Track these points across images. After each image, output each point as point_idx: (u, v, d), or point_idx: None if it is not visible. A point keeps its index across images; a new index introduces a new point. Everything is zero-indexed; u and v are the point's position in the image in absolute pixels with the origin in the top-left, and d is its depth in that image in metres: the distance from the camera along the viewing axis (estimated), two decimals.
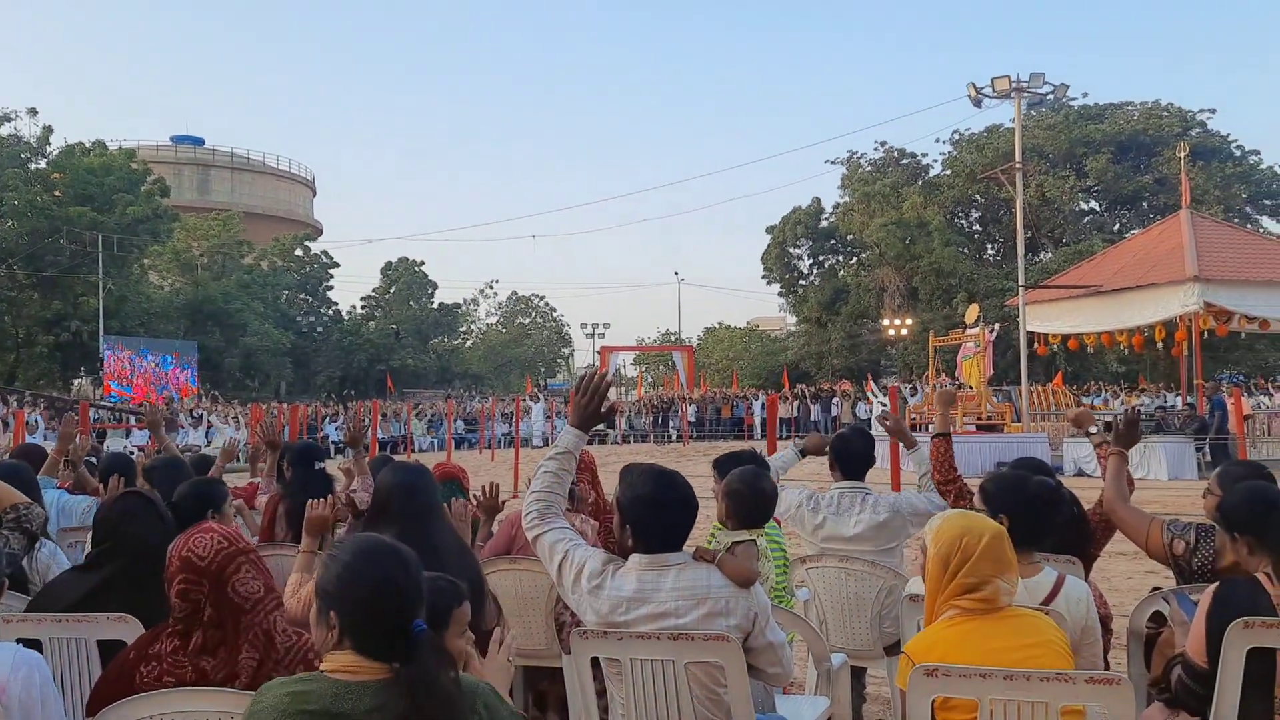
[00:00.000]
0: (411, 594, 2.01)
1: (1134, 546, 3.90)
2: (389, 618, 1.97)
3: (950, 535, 2.61)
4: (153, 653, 2.57)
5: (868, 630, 4.31)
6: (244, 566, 2.56)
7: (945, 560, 2.58)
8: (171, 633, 2.58)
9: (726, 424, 33.84)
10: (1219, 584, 2.85)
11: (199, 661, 2.52)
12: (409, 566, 2.04)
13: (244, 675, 2.48)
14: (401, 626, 1.96)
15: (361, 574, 2.00)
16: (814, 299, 48.54)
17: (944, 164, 46.78)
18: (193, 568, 2.52)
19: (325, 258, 57.19)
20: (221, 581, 2.51)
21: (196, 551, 2.53)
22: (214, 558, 2.52)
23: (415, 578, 2.04)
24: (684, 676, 2.71)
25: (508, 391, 51.86)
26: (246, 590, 2.54)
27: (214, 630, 2.52)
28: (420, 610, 2.01)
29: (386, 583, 1.99)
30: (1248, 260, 20.03)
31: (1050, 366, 34.13)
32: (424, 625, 1.97)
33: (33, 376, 39.65)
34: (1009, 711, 2.38)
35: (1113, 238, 38.32)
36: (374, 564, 2.01)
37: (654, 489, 2.85)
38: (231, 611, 2.52)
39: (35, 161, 39.96)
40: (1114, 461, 3.85)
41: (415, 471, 3.79)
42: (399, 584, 2.00)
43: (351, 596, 1.99)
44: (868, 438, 4.77)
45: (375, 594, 1.99)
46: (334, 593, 2.01)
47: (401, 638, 1.95)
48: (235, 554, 2.56)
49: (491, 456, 26.31)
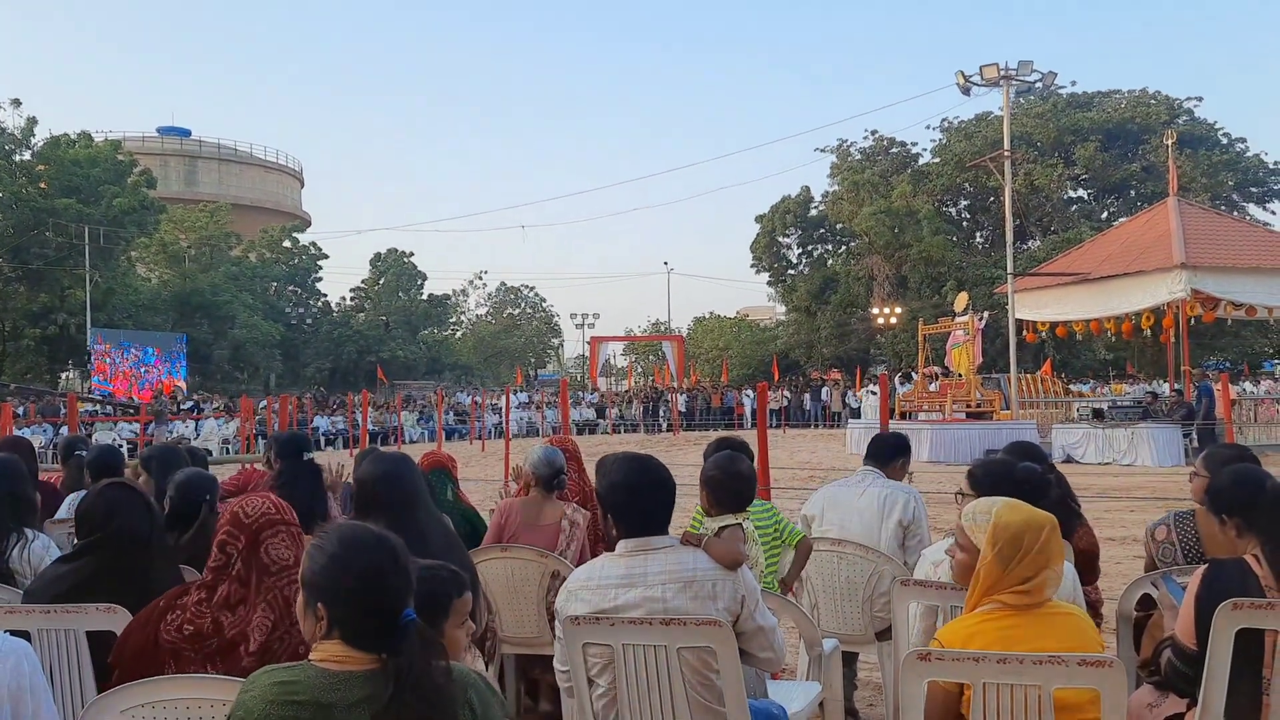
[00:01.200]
0: (398, 583, 1.98)
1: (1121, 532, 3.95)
2: (376, 608, 1.95)
3: (1012, 534, 2.54)
4: (180, 603, 2.68)
5: (859, 615, 4.32)
6: (281, 534, 2.70)
7: (1007, 560, 2.52)
8: (201, 585, 2.70)
9: (716, 413, 33.90)
10: (1207, 566, 2.86)
11: (219, 614, 2.63)
12: (396, 555, 2.00)
13: (257, 636, 2.55)
14: (389, 616, 1.93)
15: (347, 564, 1.98)
16: (803, 288, 48.59)
17: (933, 152, 46.85)
18: (237, 522, 2.68)
19: (314, 249, 56.96)
20: (257, 542, 2.66)
21: (245, 509, 2.70)
22: (257, 519, 2.68)
23: (402, 566, 2.00)
24: (676, 662, 2.71)
25: (498, 382, 51.80)
26: (277, 555, 2.67)
27: (238, 586, 2.64)
28: (408, 599, 1.97)
29: (373, 572, 1.96)
30: (1234, 247, 20.12)
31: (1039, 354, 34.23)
32: (413, 614, 1.94)
33: (20, 370, 39.39)
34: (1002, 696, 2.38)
35: (1101, 225, 38.43)
36: (360, 554, 1.98)
37: (628, 474, 2.87)
38: (258, 571, 2.64)
39: (20, 153, 39.57)
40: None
41: (397, 460, 3.76)
42: (385, 573, 1.97)
43: (337, 587, 1.97)
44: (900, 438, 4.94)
45: (361, 584, 1.96)
46: (320, 584, 1.98)
47: (389, 628, 1.92)
48: (277, 521, 2.71)
49: (482, 447, 26.30)
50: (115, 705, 2.48)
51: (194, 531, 3.61)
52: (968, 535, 2.66)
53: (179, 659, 2.65)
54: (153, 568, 3.15)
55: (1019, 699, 2.37)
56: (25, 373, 39.29)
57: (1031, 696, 2.36)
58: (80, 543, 3.25)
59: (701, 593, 2.77)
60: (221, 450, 25.64)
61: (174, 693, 2.45)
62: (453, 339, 63.44)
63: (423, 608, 2.16)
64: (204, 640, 2.63)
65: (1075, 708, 2.38)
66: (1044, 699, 2.35)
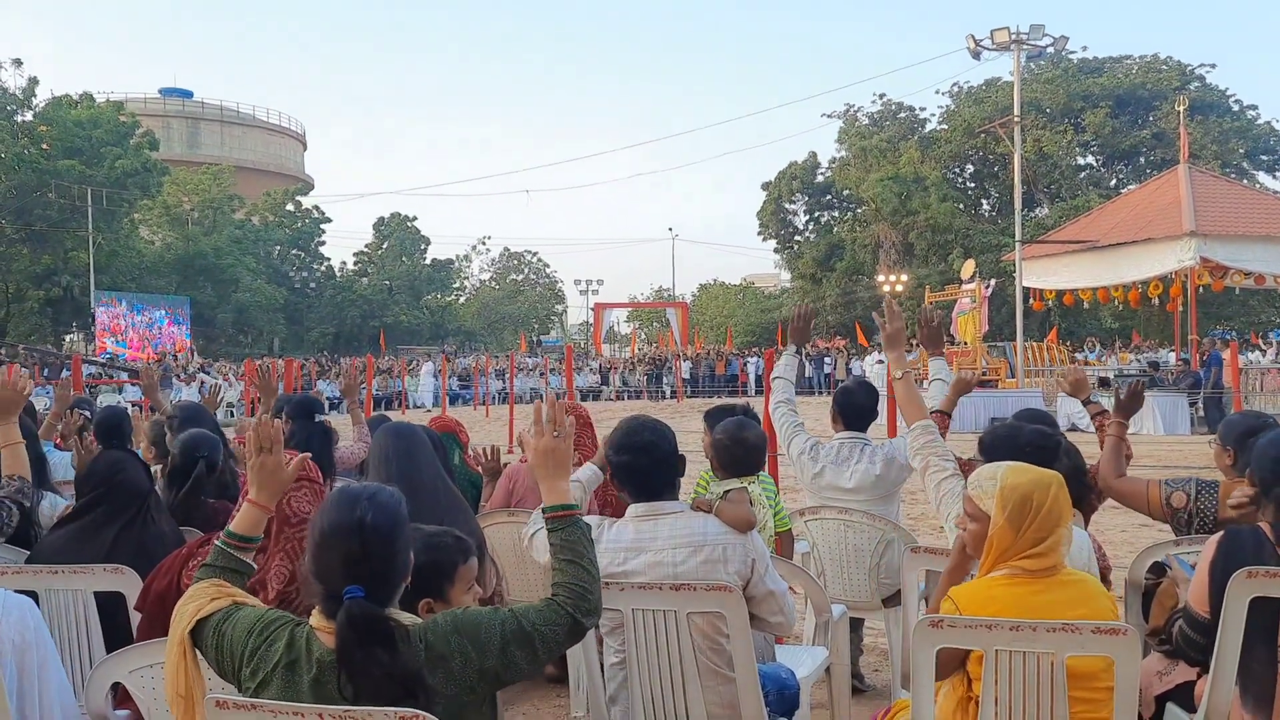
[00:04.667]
0: (355, 552, 1.90)
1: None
2: (330, 577, 1.92)
3: (1020, 496, 2.49)
4: (203, 550, 2.74)
5: (866, 582, 4.31)
6: (304, 489, 2.79)
7: (1018, 525, 2.47)
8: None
9: (721, 380, 33.87)
10: (1223, 533, 2.82)
11: None
12: (362, 525, 1.92)
13: (275, 584, 2.61)
14: (335, 589, 1.89)
15: (320, 531, 1.96)
16: (809, 255, 48.38)
17: (942, 118, 46.44)
18: None
19: (317, 213, 56.75)
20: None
21: None
22: None
23: (371, 535, 1.92)
24: (687, 627, 2.70)
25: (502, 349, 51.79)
26: (298, 507, 2.77)
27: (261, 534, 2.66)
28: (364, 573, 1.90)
29: (332, 536, 1.93)
30: (1244, 215, 19.95)
31: (1045, 322, 34.14)
32: (357, 592, 1.88)
33: (24, 332, 39.42)
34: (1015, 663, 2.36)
35: (1109, 193, 38.15)
36: (330, 522, 1.95)
37: (632, 437, 2.86)
38: (279, 520, 2.73)
39: (21, 114, 39.33)
40: (1112, 438, 3.82)
41: (409, 435, 3.73)
42: (344, 540, 1.91)
43: (310, 551, 1.97)
44: (871, 390, 4.75)
45: (320, 548, 1.94)
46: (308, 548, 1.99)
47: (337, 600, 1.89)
48: (301, 477, 2.78)
49: (486, 413, 26.33)
50: (124, 665, 2.48)
51: (188, 489, 3.61)
52: (975, 504, 2.61)
53: None
54: (152, 525, 3.17)
55: (1031, 667, 2.35)
56: (29, 334, 39.33)
57: (1044, 664, 2.35)
58: (83, 500, 3.26)
59: (712, 556, 2.76)
60: (226, 414, 25.75)
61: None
62: (456, 304, 63.36)
63: (429, 573, 2.15)
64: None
65: (1089, 676, 2.36)
66: (1057, 667, 2.34)
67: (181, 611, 2.06)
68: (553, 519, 2.21)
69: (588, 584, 2.11)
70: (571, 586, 2.10)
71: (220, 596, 2.07)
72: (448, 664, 1.92)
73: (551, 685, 4.82)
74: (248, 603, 2.08)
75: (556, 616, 2.05)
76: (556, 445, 2.28)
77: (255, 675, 1.95)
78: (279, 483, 2.29)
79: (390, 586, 1.98)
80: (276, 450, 2.29)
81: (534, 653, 2.00)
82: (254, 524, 2.24)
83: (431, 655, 1.92)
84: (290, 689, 1.91)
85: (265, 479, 2.26)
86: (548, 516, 2.21)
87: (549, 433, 2.29)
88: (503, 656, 1.96)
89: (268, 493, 2.26)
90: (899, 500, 4.62)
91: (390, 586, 1.98)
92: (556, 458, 2.27)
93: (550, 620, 2.04)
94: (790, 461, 4.67)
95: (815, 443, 4.54)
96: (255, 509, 2.24)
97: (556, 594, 2.10)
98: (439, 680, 1.91)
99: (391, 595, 1.98)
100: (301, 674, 1.92)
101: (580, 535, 2.18)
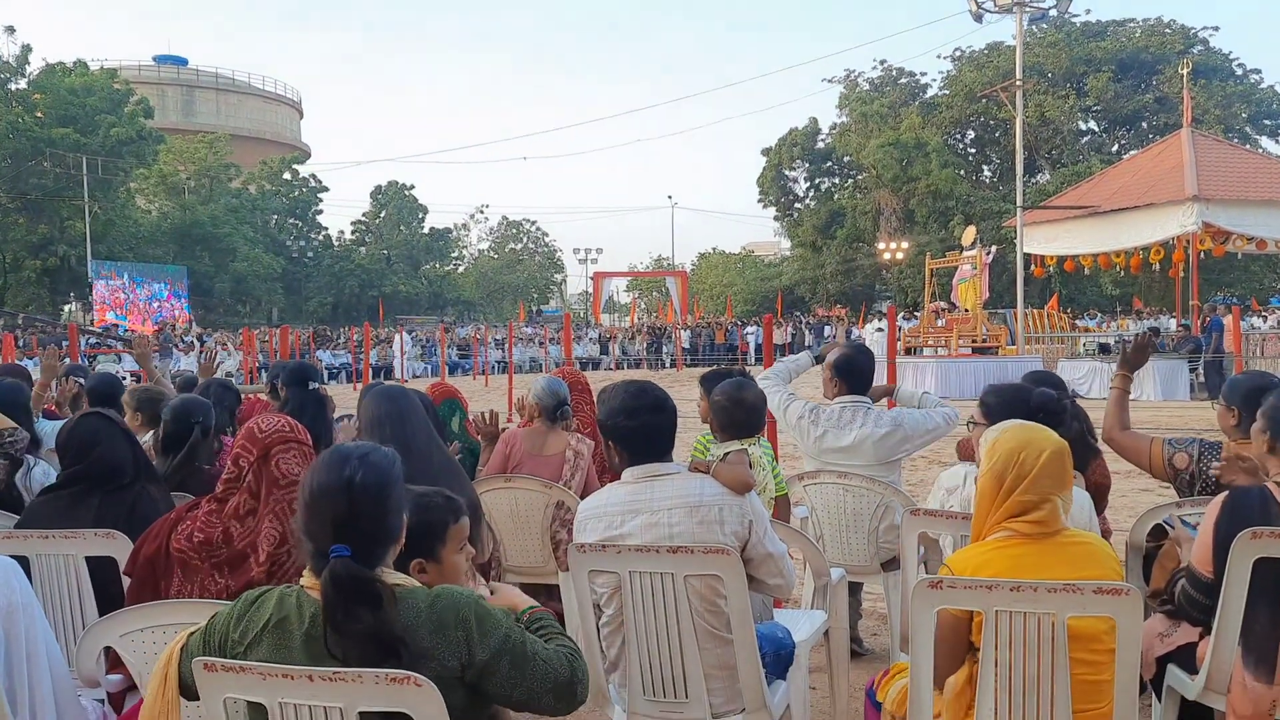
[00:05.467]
0: (343, 511, 1.88)
1: (1127, 465, 3.89)
2: (318, 536, 1.90)
3: (1007, 449, 2.44)
4: (191, 514, 2.74)
5: (865, 546, 4.29)
6: (292, 450, 2.76)
7: (1000, 476, 2.42)
8: (212, 497, 2.77)
9: (720, 349, 33.83)
10: (1229, 493, 2.79)
11: (229, 524, 2.70)
12: (350, 484, 1.89)
13: (265, 547, 2.59)
14: (322, 547, 1.87)
15: (307, 490, 1.93)
16: (809, 223, 48.18)
17: (943, 83, 46.09)
18: (251, 436, 2.74)
19: (314, 181, 56.46)
20: (268, 456, 2.72)
21: (260, 425, 2.76)
22: (270, 434, 2.74)
23: (360, 494, 1.90)
24: (684, 589, 2.67)
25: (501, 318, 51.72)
26: (287, 469, 2.72)
27: (249, 497, 2.71)
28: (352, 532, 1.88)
29: (321, 494, 1.90)
30: (1247, 180, 19.81)
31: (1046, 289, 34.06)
32: (343, 551, 1.85)
33: (21, 302, 39.34)
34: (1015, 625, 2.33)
35: (1111, 158, 37.95)
36: (318, 480, 1.92)
37: (624, 398, 2.82)
38: (268, 483, 2.70)
39: (15, 81, 39.00)
40: (1116, 391, 3.80)
41: (400, 396, 3.66)
42: (332, 498, 1.89)
43: (300, 509, 1.95)
44: (870, 355, 4.71)
45: (309, 507, 1.92)
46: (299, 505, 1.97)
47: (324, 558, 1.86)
48: (289, 439, 2.77)
49: (485, 382, 26.33)
50: (115, 629, 2.46)
51: (183, 456, 3.58)
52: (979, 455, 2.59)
53: (187, 568, 2.69)
54: (141, 494, 3.14)
55: (1032, 628, 2.32)
56: (27, 304, 39.26)
57: (1045, 625, 2.31)
58: (63, 474, 3.23)
59: (708, 518, 2.73)
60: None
61: (172, 617, 2.42)
62: (455, 274, 63.19)
63: (420, 533, 2.12)
64: (213, 549, 2.68)
65: (1090, 637, 2.33)
66: (1058, 628, 2.31)
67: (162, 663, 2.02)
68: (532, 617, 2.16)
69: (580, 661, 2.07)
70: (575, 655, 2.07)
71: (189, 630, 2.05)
72: (447, 636, 1.89)
73: None
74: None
75: (559, 661, 2.00)
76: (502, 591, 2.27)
77: (244, 639, 1.92)
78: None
79: (379, 547, 1.94)
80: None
81: (521, 675, 1.94)
82: None
83: (438, 624, 1.89)
84: (280, 648, 1.89)
85: None
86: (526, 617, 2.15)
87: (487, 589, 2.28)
88: (493, 658, 1.91)
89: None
90: (900, 468, 4.59)
91: (379, 547, 1.94)
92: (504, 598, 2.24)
93: (552, 659, 1.99)
94: (788, 428, 4.63)
95: (815, 407, 4.50)
96: None
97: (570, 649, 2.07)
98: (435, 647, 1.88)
99: (380, 556, 1.94)
100: (293, 631, 1.89)
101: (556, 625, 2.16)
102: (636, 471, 2.82)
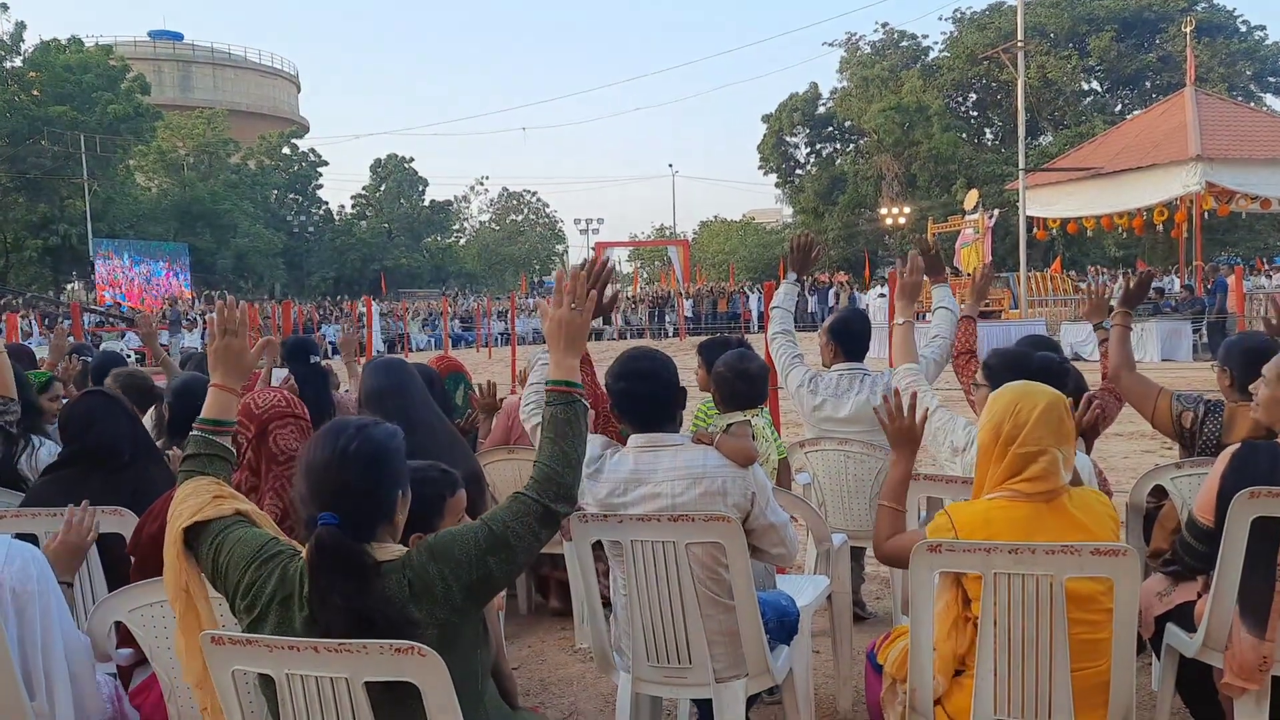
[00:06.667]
0: (334, 480, 1.89)
1: (1129, 427, 3.89)
2: (309, 505, 1.91)
3: (1003, 403, 2.46)
4: None
5: (867, 511, 4.31)
6: (289, 426, 2.79)
7: (998, 428, 2.44)
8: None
9: (723, 318, 33.80)
10: (1240, 445, 2.77)
11: None
12: (344, 454, 1.90)
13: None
14: (312, 515, 1.88)
15: (305, 463, 1.94)
16: (811, 189, 47.94)
17: (945, 45, 45.68)
18: (248, 413, 2.78)
19: (313, 155, 56.21)
20: (265, 432, 2.76)
21: (256, 401, 2.79)
22: (267, 410, 2.79)
23: (352, 464, 1.90)
24: (686, 558, 2.69)
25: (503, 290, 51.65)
26: (285, 444, 2.78)
27: (249, 474, 2.75)
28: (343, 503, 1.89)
29: (316, 463, 1.92)
30: (1251, 138, 19.65)
31: (1049, 252, 33.93)
32: (330, 519, 1.86)
33: (24, 281, 39.37)
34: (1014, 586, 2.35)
35: (1114, 119, 37.60)
36: (315, 454, 1.93)
37: (629, 366, 2.84)
38: (267, 460, 2.75)
39: (10, 60, 38.78)
40: (1118, 328, 3.78)
41: (396, 370, 3.65)
42: (324, 468, 1.90)
43: (297, 479, 1.96)
44: (865, 319, 4.71)
45: (305, 477, 1.93)
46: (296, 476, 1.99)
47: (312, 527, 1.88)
48: (286, 414, 2.81)
49: (489, 354, 26.35)
50: (123, 605, 2.49)
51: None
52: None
53: None
54: (141, 473, 3.14)
55: (1030, 590, 2.34)
56: (30, 284, 39.28)
57: (1044, 587, 2.33)
58: (62, 453, 3.25)
59: (711, 489, 2.74)
60: None
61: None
62: (456, 246, 63.04)
63: (416, 508, 2.12)
64: None
65: (1088, 598, 2.35)
66: (1056, 589, 2.33)
67: (178, 508, 2.03)
68: (552, 392, 2.13)
69: (560, 468, 2.04)
70: (543, 468, 2.04)
71: (222, 498, 2.04)
72: (432, 591, 1.90)
73: (556, 619, 4.87)
74: (248, 514, 2.05)
75: (525, 508, 1.99)
76: (574, 318, 2.21)
77: (252, 609, 1.94)
78: (242, 366, 2.24)
79: (368, 519, 1.93)
80: (241, 334, 2.24)
81: (511, 553, 1.95)
82: (223, 407, 2.20)
83: (416, 588, 1.90)
84: (284, 624, 1.91)
85: (229, 362, 2.22)
86: (548, 389, 2.14)
87: (568, 304, 2.21)
88: (480, 568, 1.92)
89: (233, 375, 2.22)
90: None
91: (368, 519, 1.93)
92: (572, 330, 2.20)
93: (519, 514, 1.98)
94: (789, 394, 4.64)
95: (814, 375, 4.51)
96: (221, 392, 2.22)
97: (527, 484, 2.05)
98: (425, 611, 1.89)
99: (371, 528, 1.94)
100: (294, 611, 1.91)
101: (573, 416, 2.10)
102: (640, 440, 2.84)
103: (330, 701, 1.87)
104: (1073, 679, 2.35)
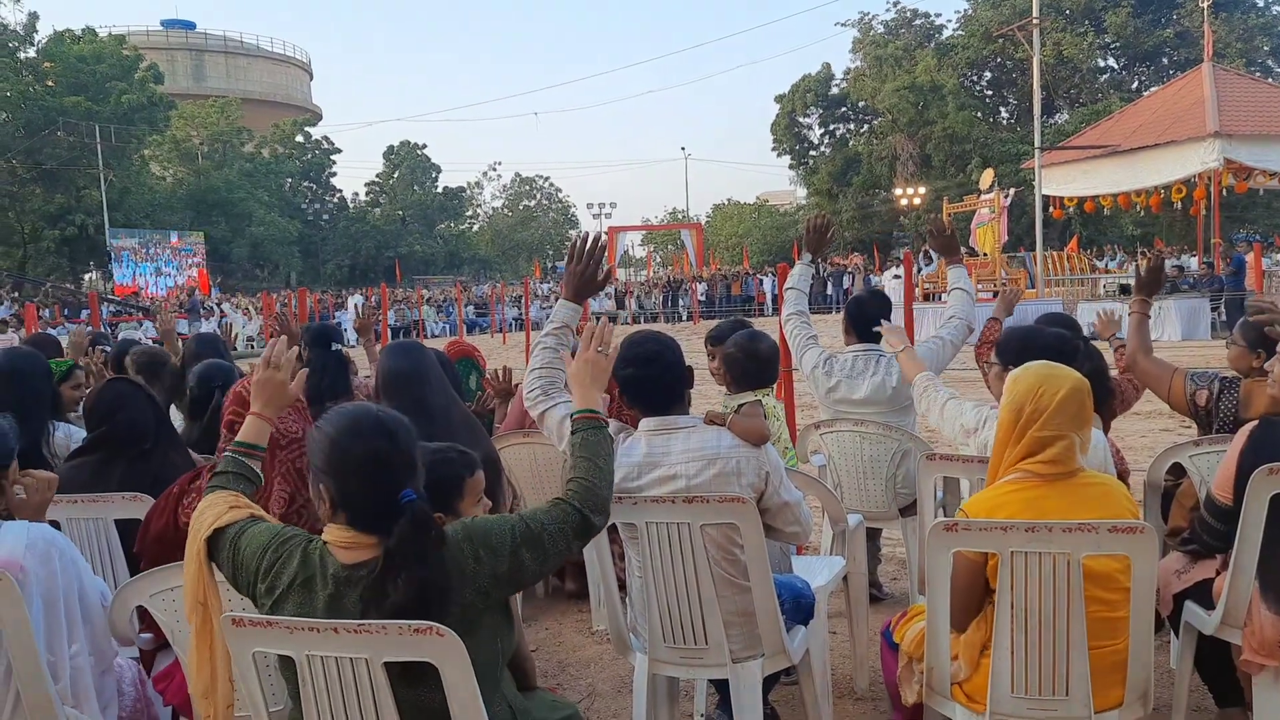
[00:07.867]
0: (398, 464, 1.96)
1: (1147, 406, 3.88)
2: (377, 491, 1.93)
3: (1026, 384, 2.45)
4: (194, 486, 2.74)
5: (883, 492, 4.31)
6: (288, 409, 2.73)
7: (1019, 410, 2.44)
8: (213, 467, 2.76)
9: (737, 301, 33.73)
10: (1259, 422, 2.76)
11: None
12: (395, 436, 1.97)
13: (275, 509, 2.59)
14: (387, 497, 1.91)
15: (347, 447, 1.96)
16: (824, 170, 47.68)
17: (959, 23, 45.26)
18: (240, 400, 2.78)
19: (327, 143, 56.31)
20: None
21: (247, 387, 2.72)
22: None
23: (403, 447, 1.97)
24: (700, 539, 2.70)
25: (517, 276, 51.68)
26: (285, 428, 2.76)
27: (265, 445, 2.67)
28: (410, 479, 1.95)
29: (371, 455, 1.94)
30: (1269, 114, 19.40)
31: (1065, 231, 33.65)
32: (413, 495, 1.92)
33: (42, 272, 39.63)
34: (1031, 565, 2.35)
35: (1130, 96, 37.21)
36: (358, 437, 1.96)
37: (634, 351, 2.83)
38: (269, 446, 2.65)
39: (24, 50, 38.91)
40: (1135, 315, 3.79)
41: (415, 353, 3.67)
42: (384, 455, 1.95)
43: (339, 470, 1.96)
44: (883, 300, 4.67)
45: (361, 467, 1.94)
46: (323, 465, 1.98)
47: (389, 509, 1.91)
48: None
49: (503, 340, 26.40)
50: (145, 589, 2.52)
51: (206, 419, 3.63)
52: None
53: None
54: (163, 459, 3.18)
55: (1047, 568, 2.34)
56: (48, 274, 39.53)
57: (1060, 565, 2.33)
58: (88, 437, 3.28)
59: (725, 470, 2.74)
60: (246, 347, 25.98)
61: None
62: (470, 232, 63.10)
63: (437, 489, 2.15)
64: None
65: (1106, 577, 2.34)
66: (1073, 567, 2.32)
67: (199, 521, 2.09)
68: (580, 420, 2.31)
69: (597, 481, 2.18)
70: (581, 482, 2.17)
71: (239, 507, 2.10)
72: (463, 570, 1.94)
73: (572, 601, 4.89)
74: (264, 518, 2.10)
75: (563, 514, 2.10)
76: (599, 359, 2.49)
77: (271, 593, 1.96)
78: (282, 400, 2.37)
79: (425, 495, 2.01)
80: (285, 369, 2.35)
81: (544, 553, 2.03)
82: (259, 434, 2.33)
83: (448, 564, 1.93)
84: (305, 606, 1.93)
85: (269, 393, 2.34)
86: (576, 418, 2.33)
87: (594, 348, 2.49)
88: (513, 559, 1.98)
89: (272, 407, 2.35)
90: (914, 412, 4.58)
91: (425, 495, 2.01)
92: (597, 370, 2.47)
93: (557, 519, 2.08)
94: (804, 375, 4.63)
95: (829, 357, 4.50)
96: (260, 420, 2.33)
97: (566, 492, 2.16)
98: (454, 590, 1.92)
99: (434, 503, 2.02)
100: (316, 591, 1.93)
101: (601, 439, 2.28)
102: (652, 424, 2.84)
103: (350, 682, 1.89)
104: (1090, 657, 2.35)
